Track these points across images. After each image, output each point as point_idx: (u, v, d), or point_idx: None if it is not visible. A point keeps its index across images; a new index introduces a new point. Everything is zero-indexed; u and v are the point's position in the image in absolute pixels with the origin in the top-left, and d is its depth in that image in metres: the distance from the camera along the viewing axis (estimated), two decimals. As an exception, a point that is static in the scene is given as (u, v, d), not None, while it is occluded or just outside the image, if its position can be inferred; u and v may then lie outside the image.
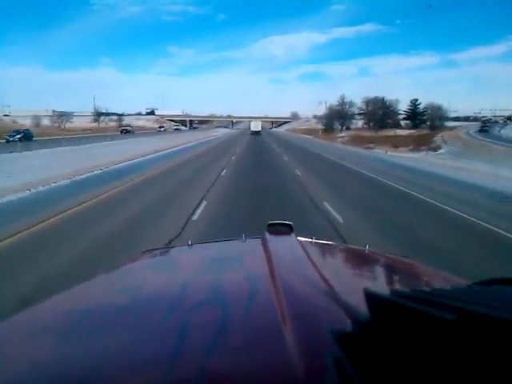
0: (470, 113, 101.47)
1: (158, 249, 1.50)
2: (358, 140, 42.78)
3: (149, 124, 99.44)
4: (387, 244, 5.31)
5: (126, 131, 63.76)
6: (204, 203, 8.31)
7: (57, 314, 0.81)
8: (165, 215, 7.29)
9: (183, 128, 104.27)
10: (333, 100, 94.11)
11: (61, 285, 0.98)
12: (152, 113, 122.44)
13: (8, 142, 32.15)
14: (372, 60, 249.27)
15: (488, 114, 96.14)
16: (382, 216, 7.46)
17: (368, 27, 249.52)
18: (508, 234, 6.22)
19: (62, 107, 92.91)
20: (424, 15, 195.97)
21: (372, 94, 76.77)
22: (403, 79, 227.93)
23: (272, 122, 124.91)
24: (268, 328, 0.62)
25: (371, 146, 36.14)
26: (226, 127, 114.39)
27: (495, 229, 6.58)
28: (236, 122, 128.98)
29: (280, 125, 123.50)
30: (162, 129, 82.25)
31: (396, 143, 34.73)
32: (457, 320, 0.31)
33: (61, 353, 0.61)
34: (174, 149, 27.65)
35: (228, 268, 1.05)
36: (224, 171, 14.22)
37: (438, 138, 38.26)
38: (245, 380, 0.50)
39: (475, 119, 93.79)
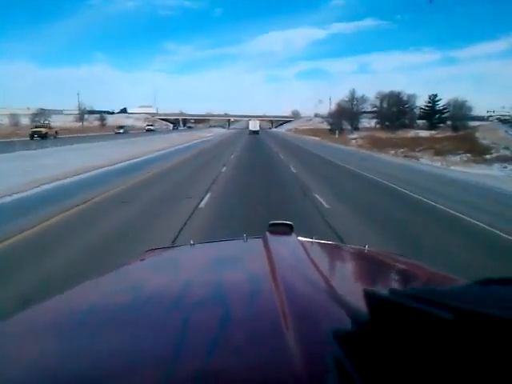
0: (481, 112, 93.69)
1: (160, 248, 1.47)
2: (378, 143, 34.48)
3: (139, 123, 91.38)
4: None
5: (41, 136, 37.60)
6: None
7: (60, 312, 0.81)
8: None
9: (171, 127, 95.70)
10: (334, 97, 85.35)
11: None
12: (125, 111, 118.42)
13: None
14: (372, 56, 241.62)
15: (503, 112, 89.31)
16: None
17: (368, 22, 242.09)
18: None
19: (54, 105, 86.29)
20: (425, 10, 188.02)
21: (372, 92, 67.71)
22: (404, 77, 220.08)
23: (272, 122, 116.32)
24: (269, 327, 0.62)
25: (402, 151, 27.97)
26: (222, 127, 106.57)
27: None
28: (233, 121, 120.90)
29: (280, 124, 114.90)
30: (121, 130, 60.53)
31: (437, 149, 26.71)
32: (455, 319, 0.31)
33: (63, 351, 0.62)
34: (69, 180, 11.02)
35: (230, 268, 1.06)
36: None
37: (484, 142, 30.31)
38: (246, 379, 0.49)
39: (482, 119, 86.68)
